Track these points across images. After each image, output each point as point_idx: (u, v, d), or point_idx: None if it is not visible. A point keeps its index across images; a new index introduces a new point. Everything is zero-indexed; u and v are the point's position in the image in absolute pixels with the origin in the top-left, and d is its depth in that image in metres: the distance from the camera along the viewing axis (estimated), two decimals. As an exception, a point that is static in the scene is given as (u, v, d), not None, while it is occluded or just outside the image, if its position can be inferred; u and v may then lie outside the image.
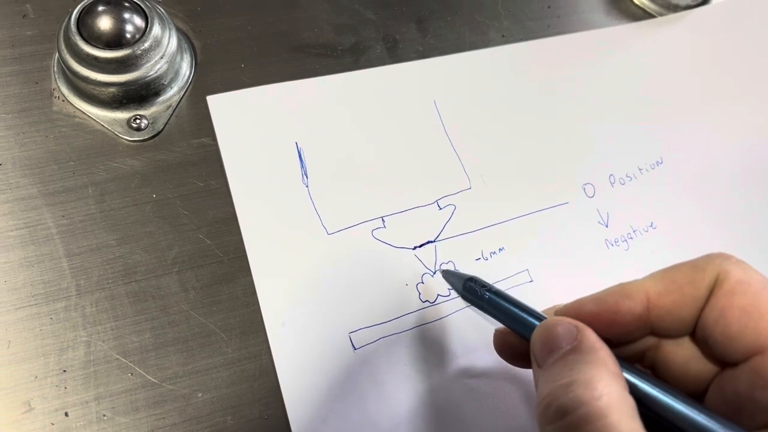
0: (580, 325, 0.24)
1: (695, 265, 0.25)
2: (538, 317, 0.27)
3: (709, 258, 0.25)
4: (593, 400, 0.21)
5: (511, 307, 0.27)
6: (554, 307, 0.27)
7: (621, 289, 0.25)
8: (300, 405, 0.31)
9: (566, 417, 0.21)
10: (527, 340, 0.26)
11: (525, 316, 0.27)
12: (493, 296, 0.28)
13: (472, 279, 0.30)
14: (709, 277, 0.24)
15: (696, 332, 0.25)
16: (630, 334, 0.26)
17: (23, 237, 0.32)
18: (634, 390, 0.23)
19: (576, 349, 0.23)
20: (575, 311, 0.26)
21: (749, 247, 0.39)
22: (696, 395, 0.25)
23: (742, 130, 0.42)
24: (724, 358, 0.24)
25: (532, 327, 0.26)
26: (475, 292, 0.29)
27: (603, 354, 0.23)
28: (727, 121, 0.42)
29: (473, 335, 0.33)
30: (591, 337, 0.24)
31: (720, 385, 0.25)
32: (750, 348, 0.23)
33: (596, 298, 0.26)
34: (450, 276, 0.32)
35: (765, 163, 0.41)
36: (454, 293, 0.34)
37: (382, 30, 0.41)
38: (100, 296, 0.32)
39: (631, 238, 0.37)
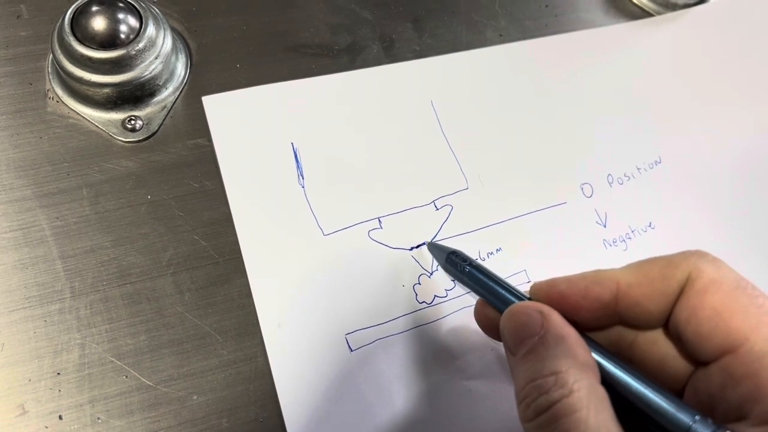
0: (546, 310, 0.25)
1: (670, 261, 0.25)
2: (515, 293, 0.28)
3: (684, 255, 0.25)
4: (563, 396, 0.22)
5: (489, 282, 0.29)
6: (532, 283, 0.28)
7: (594, 275, 0.26)
8: (296, 407, 0.30)
9: (541, 415, 0.22)
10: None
11: (502, 291, 0.28)
12: (473, 270, 0.29)
13: (454, 252, 0.31)
14: (681, 273, 0.24)
15: (669, 330, 0.25)
16: (597, 321, 0.26)
17: (17, 239, 0.32)
18: (605, 376, 0.24)
19: (544, 339, 0.24)
20: (547, 289, 0.26)
21: (747, 246, 0.38)
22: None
23: (740, 129, 0.42)
24: (697, 357, 0.24)
25: (509, 302, 0.27)
26: (456, 265, 0.30)
27: (571, 342, 0.24)
28: (725, 120, 0.42)
29: (470, 336, 0.33)
30: (557, 323, 0.24)
31: (694, 385, 0.25)
32: (721, 347, 0.23)
33: (569, 279, 0.26)
34: (434, 249, 0.32)
35: (763, 162, 0.41)
36: (451, 294, 0.34)
37: (379, 30, 0.41)
38: (95, 298, 0.31)
39: (630, 238, 0.37)
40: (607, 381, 0.24)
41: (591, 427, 0.21)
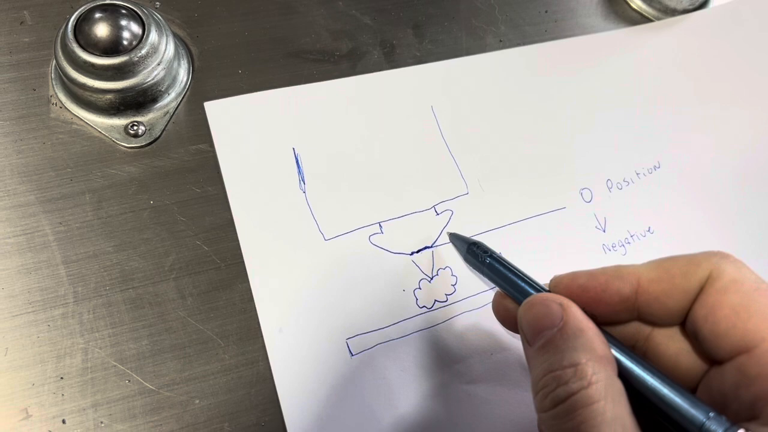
0: (566, 302, 0.25)
1: (691, 259, 0.25)
2: (535, 287, 0.28)
3: (706, 254, 0.25)
4: (581, 388, 0.22)
5: (509, 274, 0.29)
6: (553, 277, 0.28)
7: (615, 270, 0.26)
8: (297, 411, 0.31)
9: (559, 405, 0.22)
10: None
11: (522, 284, 0.28)
12: (493, 261, 0.30)
13: (475, 244, 0.31)
14: (702, 271, 0.24)
15: (686, 326, 0.25)
16: (616, 315, 0.26)
17: (20, 244, 0.32)
18: (622, 370, 0.24)
19: (563, 331, 0.24)
20: (568, 281, 0.27)
21: (747, 250, 0.38)
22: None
23: (739, 133, 0.42)
24: (712, 356, 0.24)
25: (528, 294, 0.27)
26: (477, 256, 0.30)
27: (590, 335, 0.24)
28: (725, 125, 0.42)
29: (470, 341, 0.33)
30: (577, 315, 0.24)
31: (707, 383, 0.25)
32: (737, 347, 0.23)
33: (590, 273, 0.26)
34: (455, 239, 0.33)
35: (763, 167, 0.41)
36: (451, 299, 0.34)
37: (379, 35, 0.41)
38: (98, 303, 0.32)
39: (629, 243, 0.37)
40: (623, 375, 0.24)
41: (608, 419, 0.21)
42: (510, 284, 0.29)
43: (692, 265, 0.25)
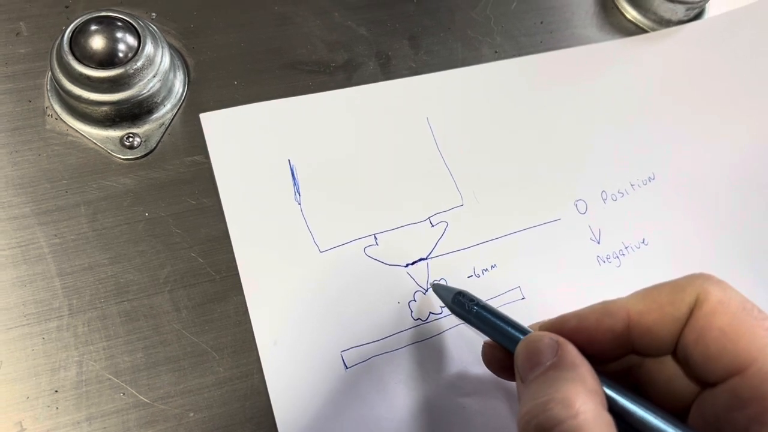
0: (562, 340, 0.25)
1: (676, 285, 0.25)
2: (523, 332, 0.27)
3: (690, 278, 0.25)
4: (569, 418, 0.21)
5: (498, 321, 0.28)
6: (539, 322, 0.28)
7: (603, 308, 0.26)
8: (291, 424, 0.31)
9: None
10: (513, 353, 0.26)
11: (510, 330, 0.28)
12: (480, 310, 0.29)
13: (461, 293, 0.30)
14: (689, 297, 0.24)
15: (677, 352, 0.25)
16: (611, 352, 0.26)
17: (15, 256, 0.32)
18: (613, 406, 0.24)
19: (556, 364, 0.24)
20: (558, 327, 0.26)
21: (741, 262, 0.39)
22: (679, 415, 0.25)
23: (734, 145, 0.42)
24: (704, 379, 0.24)
25: (517, 341, 0.26)
26: (463, 305, 0.30)
27: (582, 371, 0.24)
28: (720, 137, 0.42)
29: (464, 353, 0.33)
30: (571, 352, 0.24)
31: (700, 406, 0.25)
32: (728, 369, 0.23)
33: (578, 314, 0.26)
34: (440, 289, 0.32)
35: (757, 179, 0.41)
36: (446, 311, 0.34)
37: (375, 47, 0.41)
38: (93, 316, 0.32)
39: (623, 254, 0.38)
40: (616, 412, 0.23)
41: None
42: (499, 331, 0.28)
43: (678, 291, 0.25)
